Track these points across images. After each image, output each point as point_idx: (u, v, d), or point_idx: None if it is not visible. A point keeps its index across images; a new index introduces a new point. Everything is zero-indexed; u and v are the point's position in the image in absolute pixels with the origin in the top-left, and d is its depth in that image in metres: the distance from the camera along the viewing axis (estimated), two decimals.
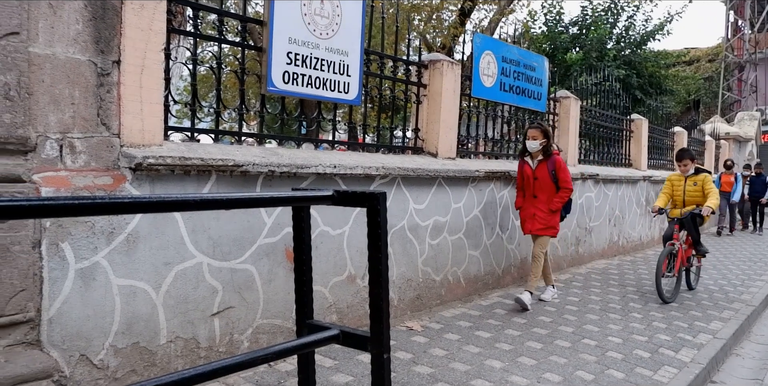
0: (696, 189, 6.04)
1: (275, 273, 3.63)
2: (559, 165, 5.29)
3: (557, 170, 5.28)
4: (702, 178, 6.07)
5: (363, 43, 4.33)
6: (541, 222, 5.30)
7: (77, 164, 2.69)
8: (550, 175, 5.28)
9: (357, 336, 1.57)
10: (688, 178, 6.12)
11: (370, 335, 1.54)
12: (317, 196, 1.46)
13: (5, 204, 0.99)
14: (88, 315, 2.75)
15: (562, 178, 5.28)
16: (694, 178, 6.11)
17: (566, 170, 5.34)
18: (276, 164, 3.48)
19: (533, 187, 5.37)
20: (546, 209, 5.26)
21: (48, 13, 2.59)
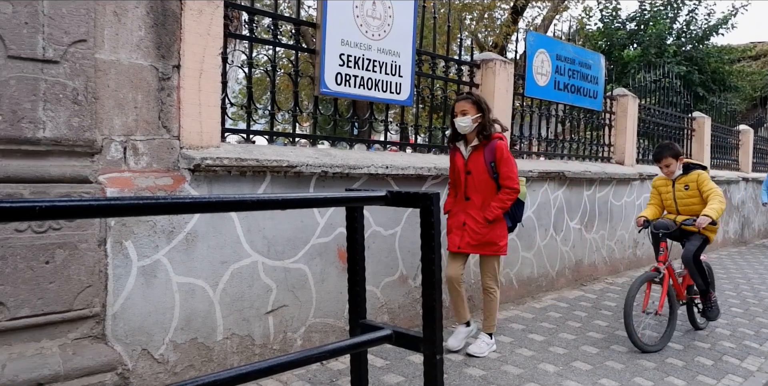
0: (690, 193, 4.50)
1: (328, 272, 3.67)
2: (500, 153, 3.74)
3: (498, 161, 3.73)
4: (694, 177, 4.48)
5: (414, 43, 4.33)
6: (472, 236, 3.77)
7: (140, 165, 2.80)
8: (487, 169, 3.76)
9: (410, 337, 1.57)
10: (676, 181, 4.56)
11: (422, 336, 1.54)
12: (371, 197, 1.47)
13: (75, 204, 1.04)
14: (150, 311, 2.86)
15: (504, 172, 3.74)
16: (684, 180, 4.52)
17: (511, 161, 3.77)
18: (329, 165, 3.52)
19: (465, 184, 3.85)
20: (481, 217, 3.74)
21: (113, 20, 2.70)
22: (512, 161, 3.79)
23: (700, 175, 4.49)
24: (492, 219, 3.74)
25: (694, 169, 4.53)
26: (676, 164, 4.53)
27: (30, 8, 2.39)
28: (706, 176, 4.48)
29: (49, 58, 2.45)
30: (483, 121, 3.74)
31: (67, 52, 2.50)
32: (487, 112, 3.76)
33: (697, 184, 4.46)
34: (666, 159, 4.51)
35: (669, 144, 4.76)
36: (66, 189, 2.50)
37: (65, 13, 2.49)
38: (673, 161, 4.52)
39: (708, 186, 4.41)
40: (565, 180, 5.87)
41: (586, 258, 6.37)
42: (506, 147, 3.79)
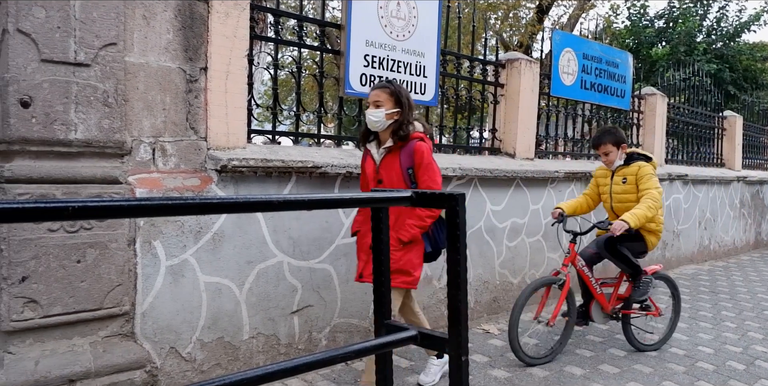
0: (626, 188, 3.87)
1: (352, 273, 3.68)
2: (420, 158, 2.92)
3: (417, 168, 2.93)
4: (634, 170, 3.82)
5: (439, 43, 4.32)
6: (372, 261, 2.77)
7: (168, 166, 2.84)
8: (403, 177, 2.96)
9: (435, 338, 1.56)
10: (615, 173, 3.96)
11: (448, 337, 1.54)
12: (396, 197, 1.47)
13: (106, 204, 1.06)
14: (177, 310, 2.90)
15: (424, 181, 2.93)
16: (623, 172, 3.90)
17: (433, 167, 2.96)
18: (354, 165, 3.53)
19: None
20: (394, 238, 2.87)
21: (142, 24, 2.75)
22: (435, 168, 2.97)
23: (642, 168, 3.80)
24: (407, 241, 2.89)
25: (636, 161, 3.88)
26: (617, 153, 3.92)
27: (62, 13, 2.44)
28: (648, 170, 3.78)
29: (81, 62, 2.50)
30: (400, 118, 2.95)
31: (98, 55, 2.55)
32: (406, 108, 2.97)
33: (635, 178, 3.82)
34: (605, 146, 3.91)
35: (611, 128, 4.08)
36: (97, 189, 2.55)
37: (96, 17, 2.54)
38: (613, 149, 3.90)
39: (646, 183, 3.74)
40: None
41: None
42: (428, 150, 2.96)
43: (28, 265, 2.37)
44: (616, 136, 3.93)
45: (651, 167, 3.84)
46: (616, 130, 4.00)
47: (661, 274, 4.15)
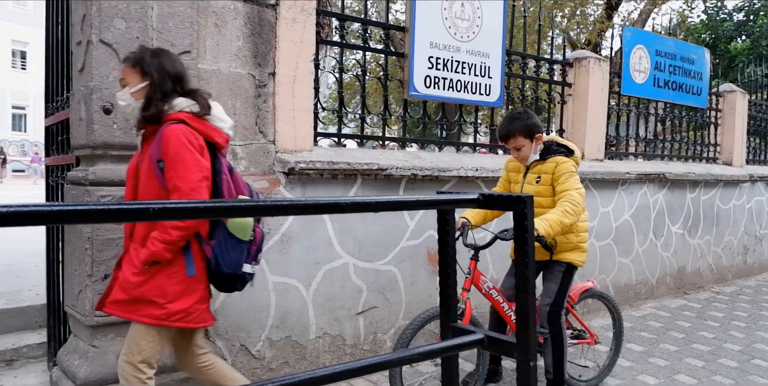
0: (540, 189, 2.98)
1: (417, 275, 3.68)
2: (167, 146, 2.07)
3: (164, 159, 2.08)
4: (551, 167, 2.96)
5: (504, 43, 4.26)
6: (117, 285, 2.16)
7: (238, 169, 2.92)
8: (155, 173, 2.12)
9: (502, 342, 1.54)
10: (529, 169, 3.06)
11: (516, 341, 1.51)
12: (463, 199, 1.46)
13: (185, 205, 1.10)
14: (247, 309, 2.98)
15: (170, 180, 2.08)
16: (537, 168, 3.02)
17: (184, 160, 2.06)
18: (418, 167, 3.53)
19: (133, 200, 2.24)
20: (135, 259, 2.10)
21: (214, 32, 2.85)
22: (188, 161, 2.06)
23: (559, 164, 2.92)
24: (146, 260, 2.07)
25: (554, 155, 2.98)
26: (532, 146, 2.97)
27: (140, 23, 2.57)
28: (567, 167, 2.91)
29: None
30: (149, 93, 2.15)
31: None
32: (157, 80, 2.14)
33: (551, 178, 2.94)
34: (514, 139, 2.96)
35: (520, 113, 3.03)
36: None
37: (171, 26, 2.65)
38: (525, 142, 2.95)
39: (564, 183, 2.88)
40: (665, 182, 5.57)
41: (689, 265, 6.00)
42: (183, 136, 2.07)
43: (110, 264, 2.50)
44: (528, 124, 2.95)
45: (572, 163, 2.96)
46: (527, 116, 2.98)
47: (595, 292, 3.45)
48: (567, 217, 2.76)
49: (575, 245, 3.04)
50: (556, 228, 2.72)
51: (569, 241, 3.03)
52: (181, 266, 2.12)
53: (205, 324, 2.21)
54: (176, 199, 2.05)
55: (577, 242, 3.05)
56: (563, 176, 2.91)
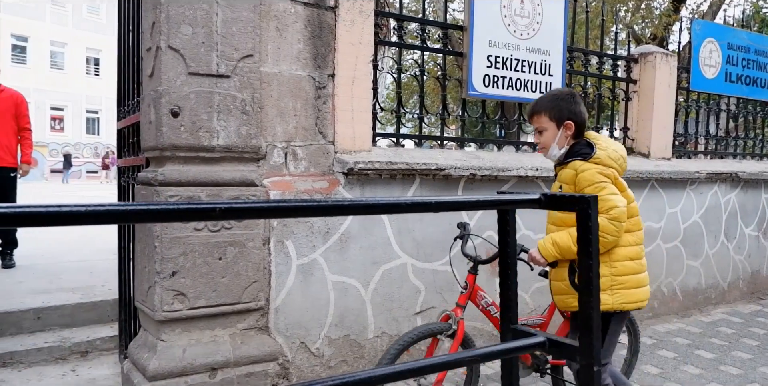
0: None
1: None
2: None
3: None
4: (569, 175, 2.29)
5: (565, 40, 4.17)
6: None
7: (299, 170, 2.98)
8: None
9: (564, 345, 1.51)
10: (557, 175, 2.43)
11: (578, 345, 1.47)
12: (524, 200, 1.44)
13: (248, 205, 1.13)
14: (307, 308, 3.03)
15: None
16: (561, 172, 2.37)
17: None
18: (477, 167, 3.50)
19: None
20: None
21: (275, 35, 2.91)
22: None
23: (579, 173, 2.24)
24: None
25: (575, 157, 2.29)
26: (556, 134, 2.31)
27: (206, 29, 2.65)
28: (589, 176, 2.21)
29: (222, 73, 2.69)
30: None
31: (237, 66, 2.74)
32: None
33: (574, 186, 2.27)
34: (539, 117, 2.35)
35: (555, 93, 2.40)
36: (236, 192, 2.73)
37: (235, 31, 2.72)
38: (550, 126, 2.32)
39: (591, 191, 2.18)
40: (738, 181, 5.30)
41: (764, 268, 5.70)
42: None
43: (177, 261, 2.60)
44: (560, 104, 2.31)
45: (595, 169, 2.22)
46: (564, 96, 2.34)
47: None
48: (568, 237, 2.23)
49: (610, 281, 2.23)
50: (565, 253, 2.24)
51: (601, 276, 2.13)
52: None
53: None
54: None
55: (612, 276, 2.22)
56: (587, 190, 2.20)
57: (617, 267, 2.26)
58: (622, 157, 2.33)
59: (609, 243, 2.21)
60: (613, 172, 2.25)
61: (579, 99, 2.37)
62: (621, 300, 2.25)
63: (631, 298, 2.27)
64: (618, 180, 2.28)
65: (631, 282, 2.27)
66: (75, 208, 0.88)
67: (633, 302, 2.27)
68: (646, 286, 2.34)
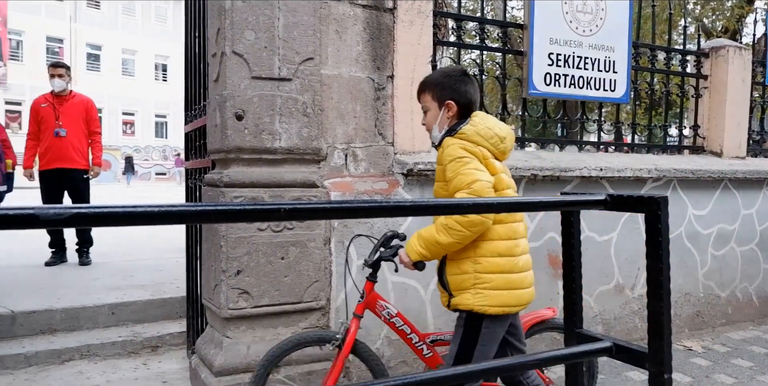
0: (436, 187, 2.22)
1: (538, 278, 3.54)
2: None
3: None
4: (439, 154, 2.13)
5: (630, 35, 4.04)
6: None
7: (359, 171, 3.01)
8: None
9: (633, 351, 1.46)
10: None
11: (648, 351, 1.42)
12: (589, 201, 1.40)
13: (311, 206, 1.15)
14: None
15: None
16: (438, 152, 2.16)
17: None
18: (538, 168, 3.43)
19: None
20: None
21: (335, 38, 2.95)
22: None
23: (445, 143, 2.07)
24: None
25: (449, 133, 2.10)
26: (438, 114, 2.16)
27: (268, 34, 2.71)
28: (450, 151, 2.03)
29: (284, 77, 2.75)
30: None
31: (298, 69, 2.79)
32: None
33: (443, 169, 2.08)
34: (423, 96, 2.23)
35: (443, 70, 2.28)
36: (297, 193, 2.78)
37: (296, 35, 2.78)
38: (432, 106, 2.18)
39: (452, 181, 1.99)
40: None
41: None
42: None
43: (242, 260, 2.67)
44: (442, 83, 2.16)
45: (459, 144, 2.03)
46: (447, 74, 2.19)
47: (555, 324, 2.64)
48: (440, 235, 1.98)
49: (473, 279, 2.01)
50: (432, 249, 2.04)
51: (463, 272, 2.02)
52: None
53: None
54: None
55: (476, 273, 2.01)
56: (448, 167, 2.01)
57: (482, 264, 2.01)
58: (497, 136, 2.06)
59: (475, 226, 1.92)
60: (481, 151, 2.02)
61: (468, 78, 2.18)
62: (482, 302, 2.00)
63: (495, 300, 2.00)
64: (489, 161, 2.02)
65: (497, 281, 2.01)
66: (149, 209, 0.92)
67: (497, 305, 2.00)
68: (523, 289, 2.06)
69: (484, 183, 1.92)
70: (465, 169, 1.96)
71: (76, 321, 3.75)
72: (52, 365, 3.37)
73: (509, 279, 2.03)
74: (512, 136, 2.14)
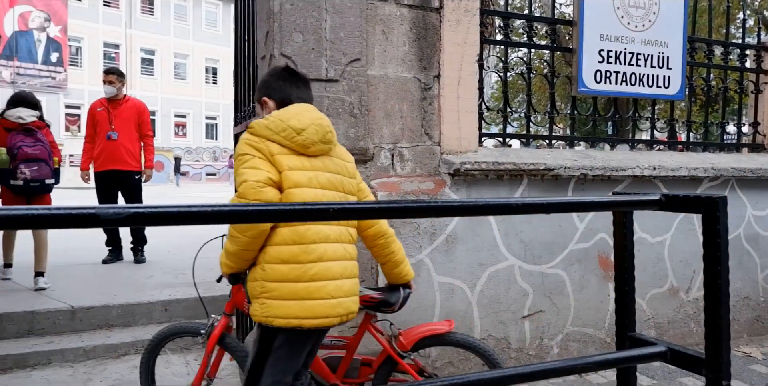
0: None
1: (587, 280, 3.50)
2: None
3: None
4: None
5: (685, 30, 3.90)
6: None
7: (405, 171, 3.01)
8: None
9: (689, 357, 1.41)
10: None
11: (705, 357, 1.38)
12: (643, 201, 1.37)
13: (359, 206, 1.16)
14: (413, 308, 3.04)
15: None
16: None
17: None
18: (588, 167, 3.36)
19: None
20: None
21: (381, 39, 2.96)
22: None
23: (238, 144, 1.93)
24: None
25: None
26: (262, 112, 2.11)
27: (315, 36, 2.75)
28: (241, 144, 1.90)
29: (331, 78, 2.78)
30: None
31: (345, 70, 2.81)
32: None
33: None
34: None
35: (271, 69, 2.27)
36: None
37: (343, 36, 2.80)
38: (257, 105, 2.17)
39: (234, 169, 1.90)
40: None
41: None
42: None
43: None
44: (260, 82, 2.18)
45: (246, 140, 1.89)
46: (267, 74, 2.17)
47: (451, 339, 2.45)
48: (229, 242, 1.88)
49: (260, 287, 1.86)
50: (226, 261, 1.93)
51: (253, 280, 1.89)
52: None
53: None
54: None
55: (262, 280, 1.86)
56: (235, 164, 1.90)
57: (267, 271, 1.85)
58: (292, 128, 1.87)
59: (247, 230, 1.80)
60: (268, 146, 1.85)
61: (287, 74, 2.09)
62: (267, 313, 1.83)
63: (280, 312, 1.82)
64: (276, 157, 1.85)
65: (281, 291, 1.82)
66: (203, 209, 0.95)
67: (282, 317, 1.82)
68: (318, 301, 1.84)
69: (250, 183, 1.78)
70: (241, 168, 1.84)
71: (132, 317, 3.88)
72: (109, 359, 3.49)
73: (294, 288, 1.82)
74: (319, 127, 1.92)
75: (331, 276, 1.87)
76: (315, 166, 1.91)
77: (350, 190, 2.03)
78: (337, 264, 1.90)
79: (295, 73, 2.13)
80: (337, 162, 2.00)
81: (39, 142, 4.47)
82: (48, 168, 4.47)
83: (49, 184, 4.52)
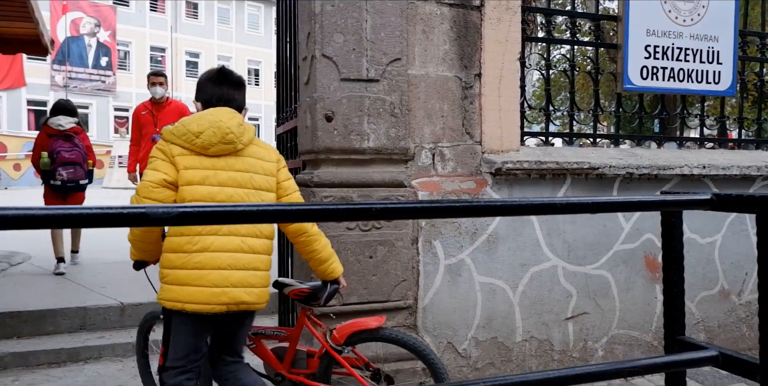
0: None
1: (633, 281, 3.42)
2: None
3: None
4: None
5: (737, 23, 3.77)
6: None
7: (446, 170, 3.00)
8: None
9: (743, 362, 1.36)
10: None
11: (759, 362, 1.33)
12: (693, 200, 1.33)
13: (402, 206, 1.16)
14: (454, 308, 3.03)
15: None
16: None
17: None
18: (634, 166, 3.29)
19: None
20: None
21: (422, 38, 2.95)
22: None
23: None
24: None
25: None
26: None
27: (356, 36, 2.76)
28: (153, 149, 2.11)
29: (371, 78, 2.79)
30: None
31: (385, 70, 2.82)
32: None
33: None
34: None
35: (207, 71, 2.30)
36: (385, 192, 2.81)
37: (383, 36, 2.81)
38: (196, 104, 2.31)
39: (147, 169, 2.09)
40: None
41: None
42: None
43: None
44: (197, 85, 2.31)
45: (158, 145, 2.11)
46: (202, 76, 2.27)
47: (383, 335, 2.41)
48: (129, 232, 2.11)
49: (162, 274, 2.09)
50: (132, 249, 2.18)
51: (160, 266, 2.13)
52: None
53: None
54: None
55: (161, 268, 2.10)
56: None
57: (162, 259, 2.09)
58: (190, 132, 2.02)
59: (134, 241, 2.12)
60: (172, 149, 2.03)
61: (218, 75, 2.21)
62: (162, 295, 2.08)
63: (170, 295, 2.04)
64: (176, 158, 2.01)
65: (170, 277, 2.04)
66: (248, 208, 0.97)
67: (170, 300, 2.04)
68: (199, 287, 2.00)
69: (145, 183, 1.99)
70: (147, 168, 2.07)
71: None
72: (156, 354, 3.58)
73: (179, 275, 2.02)
74: (218, 130, 2.02)
75: (216, 265, 2.00)
76: (216, 165, 2.05)
77: (262, 186, 2.12)
78: (226, 256, 2.02)
79: (225, 75, 2.22)
80: (247, 160, 2.11)
81: (75, 147, 5.14)
82: (82, 170, 5.18)
83: (83, 184, 5.25)
